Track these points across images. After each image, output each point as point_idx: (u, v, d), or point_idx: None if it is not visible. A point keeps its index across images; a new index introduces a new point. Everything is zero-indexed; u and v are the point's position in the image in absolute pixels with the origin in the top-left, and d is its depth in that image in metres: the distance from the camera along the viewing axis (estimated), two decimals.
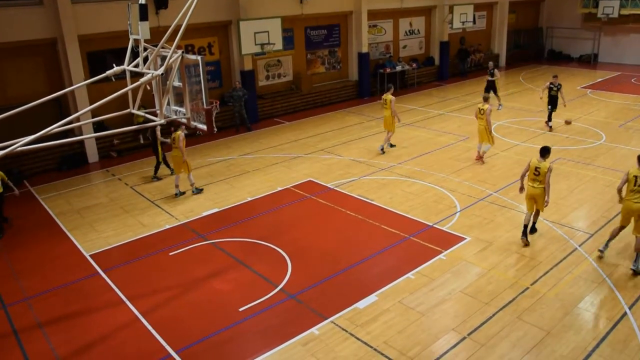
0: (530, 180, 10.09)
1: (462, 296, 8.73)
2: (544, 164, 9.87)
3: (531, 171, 10.05)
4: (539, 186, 9.93)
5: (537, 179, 9.96)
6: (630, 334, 7.72)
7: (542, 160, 9.92)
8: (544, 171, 9.84)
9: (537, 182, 9.94)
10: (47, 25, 15.03)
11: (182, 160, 12.83)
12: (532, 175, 10.04)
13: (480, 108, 14.60)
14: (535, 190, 10.01)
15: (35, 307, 8.90)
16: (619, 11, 28.81)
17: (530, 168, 10.07)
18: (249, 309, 8.57)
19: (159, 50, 8.45)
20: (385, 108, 15.72)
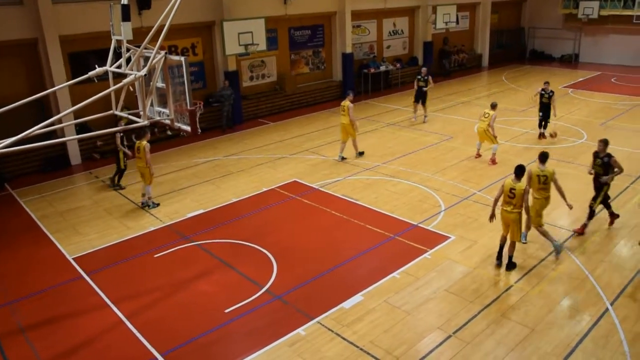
0: (504, 204, 9.19)
1: (447, 295, 8.79)
2: (520, 185, 9.00)
3: (505, 193, 9.14)
4: (514, 210, 9.04)
5: (511, 202, 9.04)
6: (612, 329, 7.83)
7: (517, 181, 9.06)
8: (520, 193, 8.97)
9: (512, 206, 9.04)
10: (27, 26, 14.84)
11: (150, 172, 12.24)
12: (506, 197, 9.15)
13: (485, 112, 14.72)
14: (509, 215, 9.11)
15: (18, 312, 8.78)
16: (598, 12, 29.21)
17: (505, 190, 9.15)
18: (235, 310, 8.55)
19: (141, 51, 8.39)
20: (342, 115, 15.19)
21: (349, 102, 15.07)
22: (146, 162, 12.17)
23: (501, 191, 9.26)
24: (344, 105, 15.13)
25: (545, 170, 9.66)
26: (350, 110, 14.89)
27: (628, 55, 29.87)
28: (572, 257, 9.81)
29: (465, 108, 21.17)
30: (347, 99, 15.23)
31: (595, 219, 11.26)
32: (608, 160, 10.40)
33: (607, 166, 10.44)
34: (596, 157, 10.65)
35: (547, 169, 9.66)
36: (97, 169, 15.60)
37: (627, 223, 11.07)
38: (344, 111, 15.06)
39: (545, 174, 9.60)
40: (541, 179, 9.58)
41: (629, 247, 10.22)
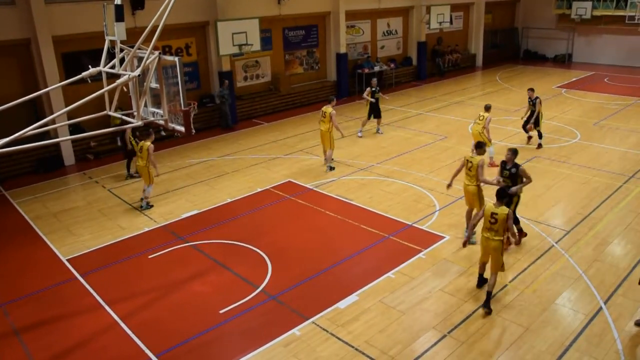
0: (484, 230, 8.30)
1: (442, 294, 8.81)
2: (502, 210, 8.10)
3: (486, 219, 8.23)
4: (496, 238, 8.14)
5: (493, 229, 8.14)
6: (606, 328, 7.87)
7: (498, 205, 8.19)
8: (502, 218, 8.06)
9: (493, 233, 8.14)
10: (20, 26, 14.76)
11: (154, 173, 12.32)
12: (487, 224, 8.23)
13: (480, 114, 14.36)
14: (490, 242, 8.22)
15: (12, 314, 8.74)
16: (591, 12, 29.34)
17: (486, 215, 8.26)
18: (230, 310, 8.53)
19: (135, 52, 8.36)
20: (322, 122, 14.30)
21: (331, 108, 14.24)
22: (149, 163, 12.15)
23: (481, 215, 8.45)
24: (325, 111, 14.22)
25: (499, 210, 8.12)
26: (333, 117, 14.05)
27: (621, 55, 30.04)
28: (566, 257, 9.85)
29: (459, 108, 21.22)
30: (329, 105, 14.35)
31: (590, 218, 11.32)
32: (516, 171, 9.81)
33: (515, 177, 9.84)
34: (504, 167, 9.96)
35: (501, 208, 8.13)
36: (91, 170, 15.54)
37: (621, 222, 11.13)
38: (325, 117, 14.17)
39: (497, 212, 8.12)
40: (491, 218, 8.18)
41: (622, 246, 10.27)
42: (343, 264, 9.87)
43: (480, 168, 9.82)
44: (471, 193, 10.14)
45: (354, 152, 16.11)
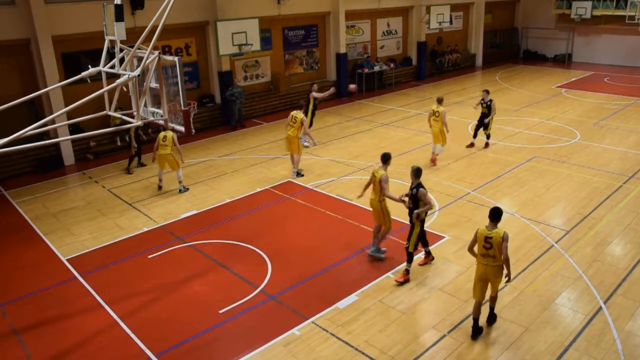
0: (480, 257, 7.54)
1: (441, 294, 8.81)
2: (496, 233, 7.31)
3: (480, 244, 7.48)
4: (493, 264, 7.41)
5: (489, 254, 7.39)
6: (605, 328, 7.87)
7: (492, 227, 7.38)
8: (498, 241, 7.29)
9: (491, 259, 7.39)
10: (19, 26, 14.76)
11: (180, 159, 13.24)
12: (481, 249, 7.47)
13: (434, 110, 14.06)
14: (488, 269, 7.48)
15: (10, 314, 8.74)
16: (591, 12, 29.33)
17: (479, 239, 7.48)
18: (229, 310, 8.53)
19: (135, 51, 8.36)
20: (291, 126, 13.85)
21: (302, 113, 13.94)
22: (175, 151, 12.98)
23: (474, 240, 7.62)
24: (295, 117, 13.81)
25: (493, 233, 7.32)
26: (304, 122, 13.80)
27: (621, 55, 30.05)
28: (566, 256, 9.85)
29: (459, 108, 21.21)
30: (300, 110, 14.07)
31: (589, 218, 11.32)
32: (416, 192, 8.87)
33: (416, 199, 8.93)
34: (410, 188, 9.11)
35: (496, 230, 7.32)
36: (90, 170, 15.53)
37: (621, 222, 11.13)
38: (295, 123, 13.78)
39: (492, 235, 7.33)
40: (485, 242, 7.41)
41: (622, 246, 10.27)
42: (342, 263, 9.86)
43: (384, 183, 9.25)
44: (375, 209, 9.61)
45: (354, 152, 16.10)
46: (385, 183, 9.32)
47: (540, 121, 18.81)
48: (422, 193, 8.82)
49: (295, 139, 13.88)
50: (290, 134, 13.88)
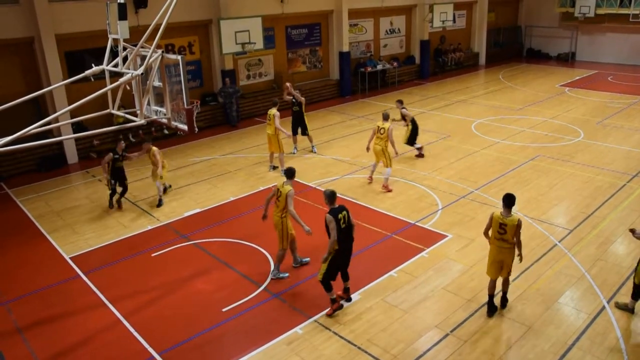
0: (494, 241, 7.92)
1: (444, 293, 8.80)
2: (511, 220, 7.70)
3: (495, 229, 7.85)
4: (507, 245, 7.84)
5: (503, 238, 7.81)
6: (609, 327, 7.85)
7: (507, 214, 7.76)
8: (512, 226, 7.70)
9: (504, 242, 7.83)
10: (23, 24, 14.80)
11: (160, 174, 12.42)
12: (496, 234, 7.85)
13: (379, 127, 12.79)
14: (503, 251, 7.89)
15: (15, 311, 8.76)
16: (595, 10, 29.25)
17: (494, 225, 7.87)
18: (233, 309, 8.55)
19: (138, 50, 8.38)
20: (268, 124, 14.24)
21: (275, 110, 14.06)
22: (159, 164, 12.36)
23: (489, 225, 7.97)
24: (269, 114, 14.12)
25: (508, 219, 7.69)
26: (276, 118, 13.85)
27: (624, 53, 29.95)
28: (569, 255, 9.84)
29: (462, 106, 21.19)
30: (273, 107, 14.20)
31: (593, 217, 11.30)
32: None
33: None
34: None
35: (511, 217, 7.72)
36: (94, 168, 15.55)
37: (624, 221, 11.10)
38: (270, 120, 14.05)
39: (506, 222, 7.70)
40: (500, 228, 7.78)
41: (625, 245, 10.24)
42: None
43: (290, 198, 8.87)
44: (275, 224, 9.28)
45: (356, 150, 16.09)
46: (291, 199, 8.90)
47: (543, 120, 18.77)
48: (328, 220, 8.02)
49: (274, 137, 14.12)
50: (268, 132, 14.25)
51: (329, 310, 8.32)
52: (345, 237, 8.11)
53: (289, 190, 8.95)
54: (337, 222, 7.98)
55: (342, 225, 8.05)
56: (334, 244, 8.02)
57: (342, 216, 8.06)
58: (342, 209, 8.16)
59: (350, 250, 8.34)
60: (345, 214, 8.12)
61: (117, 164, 12.38)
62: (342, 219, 8.06)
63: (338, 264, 8.24)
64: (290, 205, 8.91)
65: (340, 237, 8.02)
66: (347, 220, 8.12)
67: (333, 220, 7.94)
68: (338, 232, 7.98)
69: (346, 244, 8.18)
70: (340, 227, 8.01)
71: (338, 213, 8.05)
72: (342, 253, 8.16)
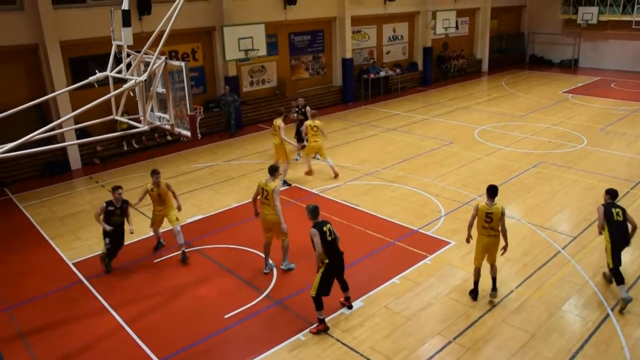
0: (481, 229, 8.47)
1: (447, 300, 8.77)
2: (496, 208, 8.30)
3: (481, 219, 8.40)
4: (493, 234, 8.38)
5: (489, 226, 8.37)
6: (613, 335, 7.81)
7: (491, 203, 8.36)
8: (497, 216, 8.29)
9: (491, 230, 8.38)
10: (28, 31, 14.87)
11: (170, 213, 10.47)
12: (482, 223, 8.40)
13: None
14: (490, 240, 8.44)
15: (17, 317, 8.76)
16: (597, 17, 29.28)
17: (480, 216, 8.39)
18: (235, 315, 8.53)
19: (142, 56, 8.40)
20: (274, 135, 13.98)
21: (281, 120, 13.81)
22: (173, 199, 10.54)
23: (475, 215, 8.43)
24: (275, 125, 13.83)
25: (493, 208, 8.29)
26: (281, 130, 13.57)
27: (627, 60, 29.95)
28: (573, 263, 9.80)
29: (465, 113, 21.20)
30: (279, 117, 13.94)
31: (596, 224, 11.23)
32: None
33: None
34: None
35: (495, 206, 8.34)
36: (97, 174, 15.59)
37: None
38: (275, 131, 13.78)
39: (492, 211, 8.31)
40: (486, 217, 8.33)
41: (629, 253, 10.17)
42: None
43: (275, 194, 9.18)
44: (272, 222, 9.40)
45: (360, 157, 16.10)
46: (277, 194, 9.20)
47: (546, 127, 18.75)
48: (311, 233, 7.93)
49: (280, 147, 13.83)
50: (275, 142, 14.03)
51: (313, 328, 8.09)
52: (333, 249, 8.04)
53: (274, 186, 9.25)
54: (323, 234, 7.92)
55: (329, 238, 7.97)
56: (321, 256, 7.96)
57: (326, 229, 8.00)
58: (326, 223, 8.13)
59: (342, 262, 8.25)
60: (329, 227, 8.07)
61: (112, 220, 9.60)
62: (328, 232, 7.99)
63: (330, 279, 8.10)
64: (277, 201, 9.20)
65: (328, 250, 7.95)
66: (332, 232, 8.07)
67: (317, 233, 7.88)
68: (325, 245, 7.92)
69: (335, 256, 8.09)
70: (326, 240, 7.94)
71: (322, 226, 7.99)
72: (332, 266, 8.04)
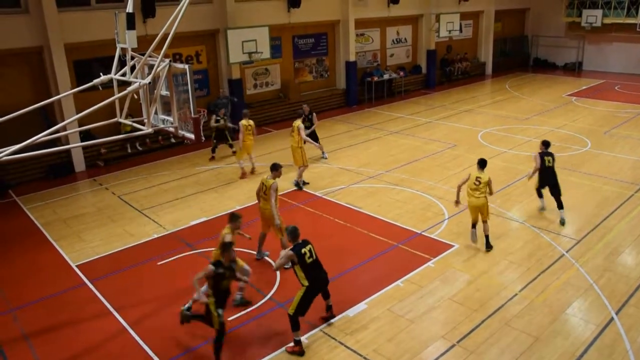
0: (470, 191, 10.23)
1: (450, 303, 8.75)
2: (484, 175, 10.16)
3: (471, 182, 10.21)
4: (481, 196, 10.13)
5: (478, 189, 10.13)
6: (617, 339, 7.78)
7: (481, 172, 10.23)
8: (485, 181, 10.11)
9: (478, 192, 10.13)
10: (33, 34, 14.93)
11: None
12: (472, 186, 10.18)
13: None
14: (479, 200, 10.14)
15: (21, 318, 8.78)
16: (602, 20, 29.23)
17: (471, 179, 10.26)
18: (238, 318, 8.53)
19: (146, 59, 8.43)
20: (292, 136, 13.92)
21: (300, 121, 13.89)
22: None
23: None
24: (294, 126, 13.79)
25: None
26: (301, 130, 13.63)
27: (632, 63, 29.87)
28: (577, 266, 9.77)
29: (469, 116, 21.18)
30: (299, 119, 14.13)
31: (600, 227, 11.22)
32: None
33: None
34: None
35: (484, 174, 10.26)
36: (101, 177, 15.63)
37: (632, 232, 11.03)
38: (294, 132, 13.74)
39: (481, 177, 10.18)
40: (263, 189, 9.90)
41: (633, 256, 10.17)
42: (351, 272, 9.84)
43: (272, 191, 9.52)
44: (268, 217, 9.70)
45: (363, 159, 16.10)
46: (274, 191, 9.54)
47: (550, 129, 18.72)
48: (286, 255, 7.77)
49: (298, 149, 13.76)
50: (292, 144, 13.96)
51: (289, 347, 7.72)
52: (314, 271, 7.81)
53: (272, 183, 9.62)
54: (301, 257, 7.65)
55: (308, 260, 7.69)
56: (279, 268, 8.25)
57: (306, 250, 7.71)
58: (306, 243, 7.84)
59: (326, 280, 8.05)
60: (310, 248, 7.82)
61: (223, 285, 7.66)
62: (308, 253, 7.72)
63: (310, 300, 7.80)
64: (273, 198, 9.49)
65: (309, 272, 7.71)
66: (312, 253, 7.82)
67: (294, 255, 7.62)
68: (305, 268, 7.68)
69: (318, 277, 7.85)
70: (305, 263, 7.67)
71: (301, 248, 7.71)
72: (313, 288, 7.77)
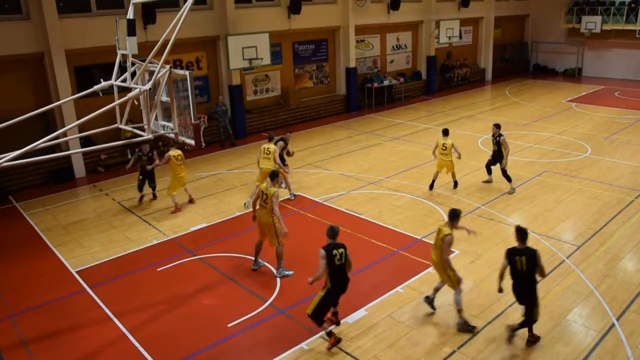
0: (439, 155, 13.47)
1: (451, 309, 8.71)
2: (449, 140, 13.34)
3: (440, 147, 13.38)
4: (447, 158, 13.35)
5: (444, 153, 13.32)
6: (618, 345, 7.75)
7: (446, 138, 13.41)
8: (450, 146, 13.24)
9: (445, 155, 13.32)
10: (34, 40, 14.98)
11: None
12: (440, 151, 13.38)
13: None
14: (446, 162, 13.45)
15: (20, 325, 8.76)
16: (601, 26, 29.32)
17: (439, 144, 13.39)
18: (238, 324, 8.50)
19: (146, 65, 8.45)
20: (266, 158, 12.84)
21: (274, 145, 12.97)
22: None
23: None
24: (268, 148, 12.83)
25: (268, 190, 9.45)
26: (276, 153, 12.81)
27: (631, 69, 29.97)
28: (577, 272, 9.75)
29: (469, 122, 21.20)
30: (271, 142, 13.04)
31: (601, 233, 11.21)
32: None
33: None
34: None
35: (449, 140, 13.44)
36: (101, 182, 15.63)
37: (633, 237, 11.01)
38: (268, 154, 12.78)
39: (446, 143, 13.37)
40: (442, 146, 13.44)
41: (634, 262, 10.15)
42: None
43: (275, 199, 9.35)
44: (266, 225, 9.62)
45: (363, 166, 16.11)
46: (276, 199, 9.38)
47: (550, 135, 18.74)
48: (320, 254, 7.73)
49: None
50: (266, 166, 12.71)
51: (328, 344, 7.87)
52: (339, 274, 7.82)
53: (274, 191, 9.42)
54: (331, 258, 7.68)
55: (337, 262, 7.72)
56: (322, 276, 7.75)
57: (337, 252, 7.72)
58: (340, 246, 7.83)
59: (345, 287, 8.03)
60: (342, 252, 7.80)
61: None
62: (338, 256, 7.72)
63: (330, 304, 7.93)
64: (276, 206, 9.35)
65: (334, 274, 7.76)
66: (343, 257, 7.80)
67: (325, 255, 7.63)
68: (332, 269, 7.72)
69: (340, 282, 7.90)
70: (334, 264, 7.70)
71: (333, 249, 7.73)
72: (335, 291, 7.86)
